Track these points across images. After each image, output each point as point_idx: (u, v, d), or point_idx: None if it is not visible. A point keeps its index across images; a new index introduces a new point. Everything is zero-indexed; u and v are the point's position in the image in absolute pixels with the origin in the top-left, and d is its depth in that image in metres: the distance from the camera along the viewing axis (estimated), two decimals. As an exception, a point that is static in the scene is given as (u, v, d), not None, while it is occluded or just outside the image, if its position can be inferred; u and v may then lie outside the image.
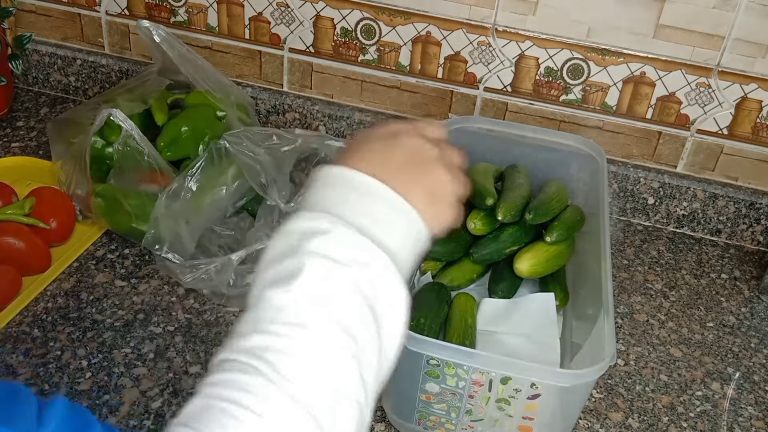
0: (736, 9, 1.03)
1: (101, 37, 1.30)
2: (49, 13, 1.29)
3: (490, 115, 1.19)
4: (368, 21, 1.16)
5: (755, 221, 1.16)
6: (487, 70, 1.16)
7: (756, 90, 1.08)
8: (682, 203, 1.17)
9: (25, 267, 0.97)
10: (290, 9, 1.18)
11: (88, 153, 1.00)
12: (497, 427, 0.80)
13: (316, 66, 1.23)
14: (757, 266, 1.14)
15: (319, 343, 0.50)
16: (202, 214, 1.00)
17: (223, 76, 1.14)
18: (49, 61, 1.32)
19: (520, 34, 1.12)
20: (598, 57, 1.11)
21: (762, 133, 1.12)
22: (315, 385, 0.48)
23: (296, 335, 0.49)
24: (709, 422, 0.89)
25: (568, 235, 0.99)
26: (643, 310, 1.04)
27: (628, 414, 0.89)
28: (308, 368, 0.49)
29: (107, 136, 1.01)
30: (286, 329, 0.50)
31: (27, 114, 1.30)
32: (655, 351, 0.98)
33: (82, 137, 1.02)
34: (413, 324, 0.87)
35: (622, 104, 1.14)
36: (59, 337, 0.91)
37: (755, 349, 1.00)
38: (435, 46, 1.16)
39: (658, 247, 1.16)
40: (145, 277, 1.00)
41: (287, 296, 0.51)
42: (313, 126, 1.25)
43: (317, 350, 0.49)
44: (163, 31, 1.05)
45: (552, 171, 1.08)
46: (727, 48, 1.06)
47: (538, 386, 0.75)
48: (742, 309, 1.06)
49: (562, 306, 0.98)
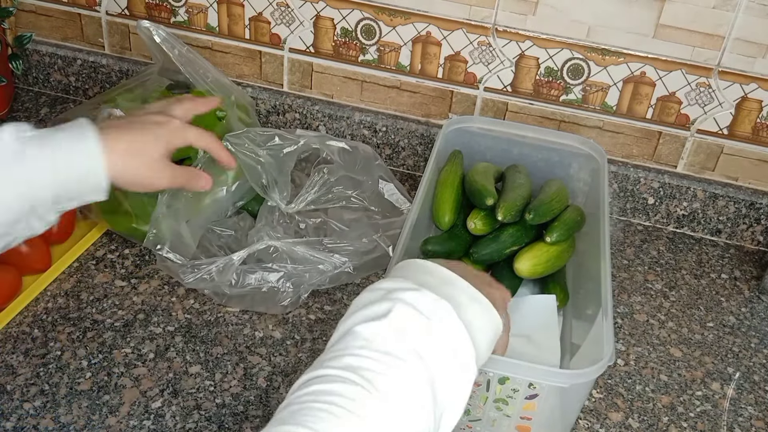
0: (736, 9, 1.03)
1: (101, 37, 1.30)
2: (50, 13, 1.30)
3: (490, 115, 1.19)
4: (368, 21, 1.16)
5: (755, 221, 1.16)
6: (487, 70, 1.16)
7: (756, 90, 1.08)
8: (682, 203, 1.17)
9: (25, 267, 0.97)
10: (290, 9, 1.18)
11: None
12: (495, 427, 0.80)
13: (316, 66, 1.23)
14: (757, 266, 1.14)
15: (405, 369, 0.55)
16: (202, 214, 1.00)
17: (223, 76, 1.13)
18: (50, 61, 1.32)
19: (520, 34, 1.12)
20: (598, 57, 1.11)
21: (762, 133, 1.12)
22: (405, 401, 0.54)
23: (386, 360, 0.55)
24: (709, 422, 0.89)
25: (569, 235, 0.99)
26: (643, 310, 1.04)
27: (628, 414, 0.89)
28: (399, 387, 0.54)
29: None
30: (377, 355, 0.55)
31: (27, 114, 1.30)
32: (655, 351, 0.98)
33: None
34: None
35: (622, 104, 1.14)
36: (59, 337, 0.91)
37: (755, 349, 1.00)
38: (435, 46, 1.16)
39: (658, 247, 1.16)
40: (145, 277, 1.00)
41: (377, 328, 0.57)
42: (313, 126, 1.25)
43: (404, 374, 0.55)
44: (163, 31, 1.04)
45: (552, 171, 1.08)
46: (728, 48, 1.06)
47: (535, 386, 0.75)
48: (742, 309, 1.06)
49: (562, 306, 0.98)
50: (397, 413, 0.53)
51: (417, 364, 0.56)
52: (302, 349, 0.93)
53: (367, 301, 0.60)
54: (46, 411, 0.82)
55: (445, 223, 1.01)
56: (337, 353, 0.56)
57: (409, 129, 1.22)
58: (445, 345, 0.58)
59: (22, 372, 0.86)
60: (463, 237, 1.00)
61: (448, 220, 1.01)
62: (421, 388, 0.55)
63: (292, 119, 1.26)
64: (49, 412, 0.82)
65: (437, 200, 1.02)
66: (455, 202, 1.02)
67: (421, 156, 1.24)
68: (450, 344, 0.59)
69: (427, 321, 0.58)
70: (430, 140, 1.22)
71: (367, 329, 0.57)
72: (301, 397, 0.53)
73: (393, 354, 0.56)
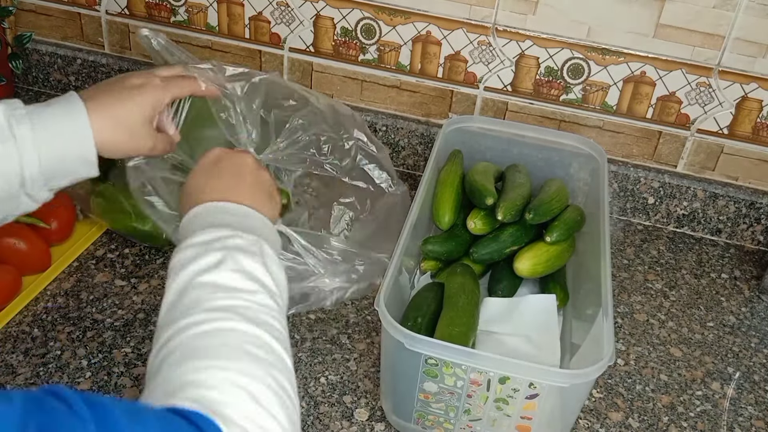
0: (736, 9, 1.03)
1: (101, 36, 1.30)
2: (49, 13, 1.29)
3: (490, 114, 1.19)
4: (368, 20, 1.16)
5: (755, 221, 1.16)
6: (487, 70, 1.16)
7: (756, 89, 1.08)
8: (683, 203, 1.17)
9: (25, 267, 0.97)
10: (290, 8, 1.18)
11: None
12: (495, 427, 0.80)
13: (316, 65, 1.23)
14: (757, 266, 1.14)
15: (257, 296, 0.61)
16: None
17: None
18: (49, 60, 1.32)
19: (521, 34, 1.12)
20: (598, 56, 1.11)
21: (762, 133, 1.12)
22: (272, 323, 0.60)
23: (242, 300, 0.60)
24: (709, 422, 0.89)
25: (569, 235, 0.99)
26: (643, 310, 1.04)
27: (628, 414, 0.89)
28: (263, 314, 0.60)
29: None
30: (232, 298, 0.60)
31: (27, 113, 1.30)
32: (655, 351, 0.98)
33: None
34: (411, 324, 0.87)
35: (623, 104, 1.14)
36: (59, 337, 0.91)
37: (755, 348, 1.00)
38: (435, 45, 1.16)
39: (659, 247, 1.16)
40: (145, 276, 1.00)
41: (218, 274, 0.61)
42: (313, 125, 1.25)
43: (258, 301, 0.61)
44: (162, 39, 1.04)
45: (552, 171, 1.08)
46: (728, 47, 1.06)
47: (536, 386, 0.75)
48: (742, 309, 1.06)
49: (562, 306, 0.98)
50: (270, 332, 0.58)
51: (262, 290, 0.62)
52: (302, 348, 0.93)
53: (192, 257, 0.63)
54: (46, 411, 0.82)
55: (445, 222, 1.01)
56: (195, 304, 0.59)
57: (409, 128, 1.22)
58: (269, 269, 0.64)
59: (22, 372, 0.86)
60: (463, 237, 1.00)
61: (448, 220, 1.01)
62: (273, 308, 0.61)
63: (292, 119, 1.26)
64: (49, 412, 0.82)
65: (437, 200, 1.02)
66: (455, 201, 1.02)
67: (421, 156, 1.24)
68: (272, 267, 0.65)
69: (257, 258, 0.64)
70: (430, 140, 1.22)
71: (212, 276, 0.61)
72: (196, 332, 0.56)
73: (243, 289, 0.60)
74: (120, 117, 0.74)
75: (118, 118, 0.74)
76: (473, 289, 0.91)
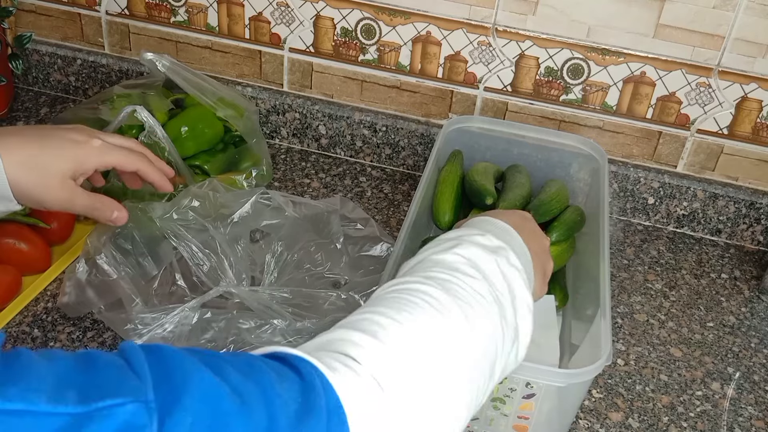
0: (736, 9, 1.03)
1: (101, 36, 1.30)
2: (49, 13, 1.30)
3: (490, 115, 1.19)
4: (368, 21, 1.16)
5: (755, 221, 1.16)
6: (487, 70, 1.16)
7: (756, 90, 1.08)
8: (682, 203, 1.17)
9: (25, 267, 0.97)
10: (290, 9, 1.18)
11: None
12: (493, 426, 0.80)
13: (316, 66, 1.23)
14: (757, 266, 1.14)
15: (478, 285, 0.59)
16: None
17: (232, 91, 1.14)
18: (49, 60, 1.32)
19: (520, 34, 1.12)
20: (598, 57, 1.11)
21: (762, 133, 1.12)
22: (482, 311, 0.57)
23: (460, 276, 0.59)
24: (709, 422, 0.89)
25: (569, 235, 0.99)
26: (643, 310, 1.04)
27: (628, 414, 0.89)
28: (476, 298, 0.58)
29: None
30: (450, 272, 0.59)
31: (27, 114, 1.30)
32: (655, 351, 0.98)
33: None
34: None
35: (623, 104, 1.14)
36: (59, 337, 0.91)
37: (755, 349, 1.00)
38: (435, 45, 1.16)
39: (658, 247, 1.16)
40: (145, 277, 1.00)
41: (447, 255, 0.61)
42: (313, 126, 1.25)
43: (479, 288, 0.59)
44: (167, 60, 1.05)
45: (552, 171, 1.08)
46: (728, 48, 1.06)
47: (533, 386, 0.75)
48: (742, 309, 1.06)
49: (562, 306, 0.98)
50: (476, 321, 0.56)
51: (482, 280, 0.60)
52: (302, 349, 0.92)
53: (434, 245, 0.64)
54: (46, 411, 0.82)
55: (445, 222, 1.01)
56: (413, 273, 0.60)
57: (409, 129, 1.22)
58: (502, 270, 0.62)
59: (21, 372, 0.86)
60: (463, 237, 1.00)
61: (447, 220, 1.01)
62: (492, 305, 0.59)
63: (292, 119, 1.26)
64: (48, 412, 0.82)
65: (437, 200, 1.02)
66: (455, 201, 1.02)
67: (421, 156, 1.24)
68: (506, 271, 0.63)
69: (492, 255, 0.63)
70: (430, 140, 1.22)
71: (438, 256, 0.61)
72: (386, 290, 0.57)
73: (465, 273, 0.59)
74: (36, 161, 0.71)
75: (34, 162, 0.70)
76: None
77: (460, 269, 0.60)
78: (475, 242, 0.64)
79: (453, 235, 0.66)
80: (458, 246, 0.62)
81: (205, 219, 0.90)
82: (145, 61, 1.04)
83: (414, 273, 0.60)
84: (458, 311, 0.55)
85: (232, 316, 0.86)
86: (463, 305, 0.56)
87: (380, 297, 0.57)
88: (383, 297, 0.56)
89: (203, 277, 0.88)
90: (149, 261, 0.90)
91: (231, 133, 1.12)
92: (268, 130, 1.28)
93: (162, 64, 1.04)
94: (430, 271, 0.59)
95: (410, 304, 0.54)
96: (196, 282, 0.90)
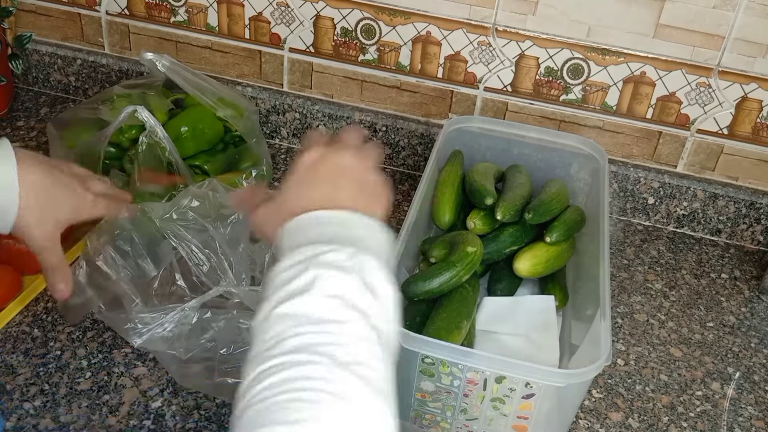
0: (736, 9, 1.03)
1: (101, 36, 1.30)
2: (49, 13, 1.30)
3: (490, 115, 1.19)
4: (368, 21, 1.16)
5: (755, 221, 1.16)
6: (487, 70, 1.16)
7: (756, 90, 1.08)
8: (682, 203, 1.17)
9: (25, 267, 0.97)
10: (290, 9, 1.18)
11: (104, 149, 1.00)
12: (492, 426, 0.80)
13: (316, 66, 1.23)
14: (757, 266, 1.14)
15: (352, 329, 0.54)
16: None
17: (232, 91, 1.14)
18: (49, 60, 1.32)
19: (520, 34, 1.12)
20: (598, 57, 1.11)
21: (762, 133, 1.12)
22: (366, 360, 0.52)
23: (331, 329, 0.53)
24: (709, 422, 0.89)
25: (569, 235, 0.99)
26: (643, 310, 1.04)
27: (628, 414, 0.89)
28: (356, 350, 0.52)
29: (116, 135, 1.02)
30: (319, 327, 0.53)
31: (27, 114, 1.30)
32: (655, 351, 0.98)
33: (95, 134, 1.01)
34: (408, 323, 0.87)
35: (623, 104, 1.14)
36: (59, 337, 0.91)
37: (755, 349, 1.00)
38: (435, 45, 1.16)
39: (658, 247, 1.16)
40: (145, 277, 1.00)
41: (308, 302, 0.55)
42: (313, 126, 1.25)
43: (354, 334, 0.54)
44: (167, 60, 1.05)
45: (552, 171, 1.08)
46: (728, 48, 1.06)
47: (532, 386, 0.75)
48: (742, 309, 1.06)
49: (562, 306, 0.98)
50: (366, 376, 0.51)
51: (358, 318, 0.55)
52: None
53: (286, 279, 0.57)
54: (46, 411, 0.82)
55: (445, 222, 1.01)
56: (277, 340, 0.53)
57: (409, 129, 1.22)
58: (369, 286, 0.58)
59: (22, 372, 0.86)
60: (463, 237, 1.00)
61: (448, 220, 1.01)
62: (371, 338, 0.55)
63: (292, 119, 1.26)
64: (49, 412, 0.82)
65: (437, 200, 1.02)
66: (455, 201, 1.02)
67: (421, 156, 1.24)
68: (373, 282, 0.58)
69: (350, 274, 0.57)
70: (430, 140, 1.22)
71: (297, 306, 0.55)
72: (259, 394, 0.49)
73: (339, 320, 0.54)
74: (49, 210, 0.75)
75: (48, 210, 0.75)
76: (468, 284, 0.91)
77: (334, 318, 0.54)
78: (329, 264, 0.57)
79: (300, 257, 0.58)
80: (316, 283, 0.56)
81: (204, 219, 0.91)
82: (145, 61, 1.04)
83: (285, 338, 0.53)
84: (356, 381, 0.50)
85: (232, 316, 0.86)
86: (356, 368, 0.51)
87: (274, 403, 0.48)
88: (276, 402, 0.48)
89: (203, 277, 0.88)
90: (149, 261, 0.90)
91: (231, 133, 1.13)
92: (268, 130, 1.28)
93: (162, 64, 1.04)
94: (305, 336, 0.52)
95: (308, 403, 0.48)
96: (196, 282, 0.90)
